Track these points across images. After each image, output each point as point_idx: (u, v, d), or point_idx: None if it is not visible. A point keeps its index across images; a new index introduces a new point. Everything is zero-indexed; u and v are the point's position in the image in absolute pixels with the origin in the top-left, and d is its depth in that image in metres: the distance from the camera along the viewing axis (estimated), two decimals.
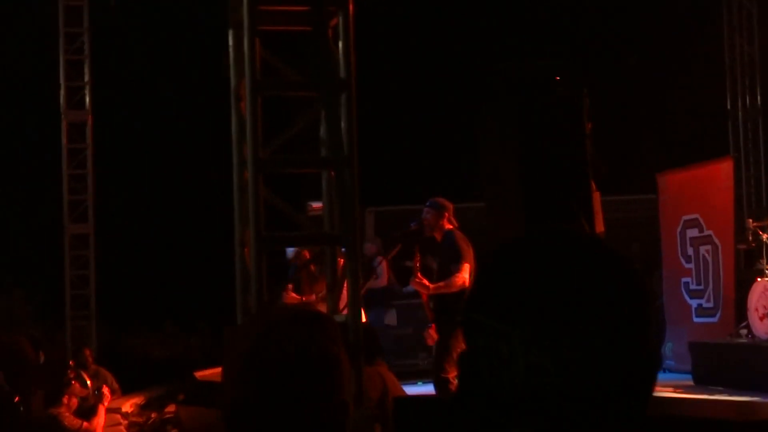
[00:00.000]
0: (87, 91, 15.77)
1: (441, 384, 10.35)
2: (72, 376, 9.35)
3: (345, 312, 7.00)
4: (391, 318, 15.77)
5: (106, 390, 10.21)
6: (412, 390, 13.37)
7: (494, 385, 1.57)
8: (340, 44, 6.76)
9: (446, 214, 10.84)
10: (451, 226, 10.92)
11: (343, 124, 6.80)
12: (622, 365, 1.55)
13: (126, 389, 13.28)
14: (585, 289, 1.57)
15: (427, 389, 13.61)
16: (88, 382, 10.12)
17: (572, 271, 1.59)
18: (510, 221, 9.17)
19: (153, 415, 12.81)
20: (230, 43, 6.91)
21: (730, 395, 11.81)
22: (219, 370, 2.86)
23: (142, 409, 13.14)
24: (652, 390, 1.62)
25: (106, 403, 10.06)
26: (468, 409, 1.61)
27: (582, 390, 1.53)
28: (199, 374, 12.00)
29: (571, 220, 7.75)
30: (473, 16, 16.86)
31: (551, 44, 16.28)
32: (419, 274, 10.60)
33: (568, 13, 16.82)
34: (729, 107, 17.05)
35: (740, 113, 16.95)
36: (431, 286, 10.62)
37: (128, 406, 12.95)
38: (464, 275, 10.32)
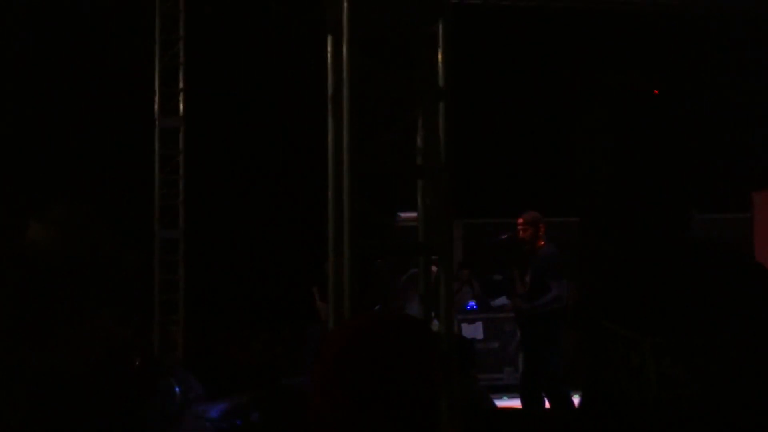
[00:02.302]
0: (181, 98, 15.92)
1: (533, 397, 10.27)
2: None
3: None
4: (476, 331, 15.68)
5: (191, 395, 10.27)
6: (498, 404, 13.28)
7: (623, 395, 1.50)
8: (440, 52, 6.71)
9: (542, 228, 10.80)
10: (543, 241, 10.88)
11: (440, 134, 6.75)
12: (758, 376, 1.47)
13: (212, 395, 13.35)
14: (722, 300, 1.49)
15: (513, 403, 13.51)
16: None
17: (708, 281, 1.51)
18: (606, 236, 9.04)
19: (238, 422, 12.84)
20: (329, 49, 6.89)
21: None
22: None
23: (227, 415, 13.18)
24: None
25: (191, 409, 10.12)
26: (596, 419, 1.54)
27: (716, 403, 1.45)
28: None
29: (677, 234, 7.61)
30: (572, 28, 16.74)
31: (648, 57, 16.11)
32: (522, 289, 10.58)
33: (666, 26, 16.63)
34: None
35: None
36: (530, 306, 10.57)
37: (214, 412, 13.00)
38: (563, 291, 10.27)
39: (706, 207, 16.56)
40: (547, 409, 9.99)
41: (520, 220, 11.09)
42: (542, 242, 11.00)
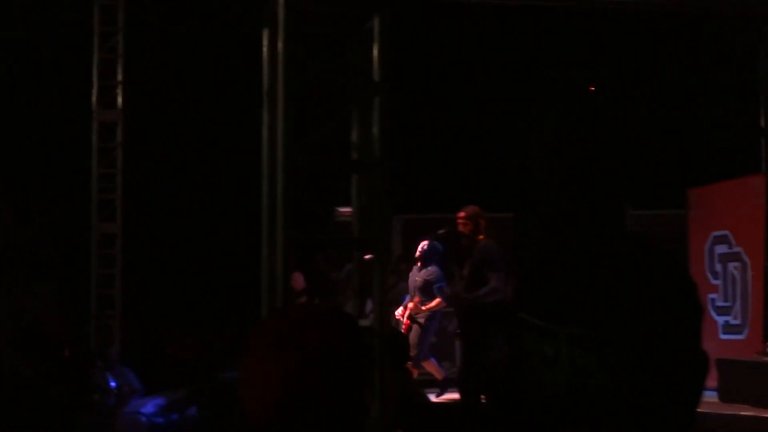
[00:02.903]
0: (119, 91, 15.82)
1: (469, 390, 10.34)
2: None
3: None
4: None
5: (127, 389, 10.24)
6: (433, 398, 13.35)
7: (538, 385, 1.53)
8: (376, 46, 6.73)
9: (482, 223, 10.89)
10: (482, 236, 10.96)
11: (375, 129, 6.78)
12: (670, 369, 1.50)
13: (149, 390, 13.28)
14: (633, 291, 1.53)
15: (449, 397, 13.58)
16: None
17: (621, 272, 1.55)
18: (543, 231, 9.12)
19: (174, 417, 12.80)
20: (264, 43, 6.89)
21: (756, 413, 11.72)
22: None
23: (164, 409, 13.13)
24: (699, 396, 1.57)
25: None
26: (510, 410, 1.56)
27: (628, 393, 1.48)
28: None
29: (607, 228, 7.69)
30: (513, 25, 16.82)
31: (585, 55, 16.23)
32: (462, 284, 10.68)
33: (603, 24, 16.75)
34: (762, 124, 16.95)
35: None
36: (471, 296, 10.65)
37: (150, 406, 12.94)
38: (501, 284, 10.36)
39: (644, 203, 16.73)
40: (482, 402, 10.06)
41: (461, 215, 11.18)
42: (481, 237, 11.09)
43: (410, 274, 14.25)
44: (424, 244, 13.85)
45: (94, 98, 15.78)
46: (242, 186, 10.92)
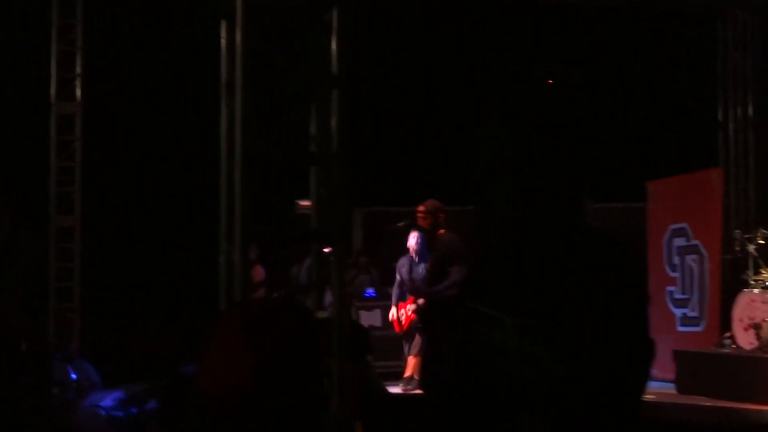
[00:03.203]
0: (78, 83, 15.72)
1: (429, 384, 10.36)
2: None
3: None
4: (375, 319, 15.74)
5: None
6: (395, 391, 13.36)
7: (488, 374, 1.53)
8: (334, 39, 6.73)
9: (441, 216, 10.89)
10: (443, 230, 10.97)
11: (334, 121, 6.78)
12: (618, 356, 1.52)
13: (108, 383, 13.22)
14: (582, 280, 1.54)
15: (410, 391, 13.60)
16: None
17: (569, 262, 1.56)
18: (502, 224, 9.15)
19: (134, 411, 12.75)
20: (222, 34, 6.87)
21: (714, 403, 11.81)
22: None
23: (123, 403, 13.07)
24: (646, 382, 1.59)
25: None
26: (460, 398, 1.57)
27: (577, 380, 1.49)
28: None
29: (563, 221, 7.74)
30: (472, 17, 16.85)
31: (548, 49, 16.28)
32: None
33: (563, 19, 16.81)
34: (720, 118, 17.08)
35: (731, 124, 16.98)
36: (431, 290, 10.67)
37: (109, 400, 12.89)
38: (461, 278, 10.37)
39: (604, 196, 16.82)
40: (440, 394, 10.07)
41: (421, 208, 11.18)
42: (442, 230, 11.10)
43: (401, 269, 13.59)
44: (415, 237, 13.48)
45: (52, 90, 15.67)
46: (201, 179, 10.88)
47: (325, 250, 7.34)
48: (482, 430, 1.59)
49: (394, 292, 13.72)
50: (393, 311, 13.50)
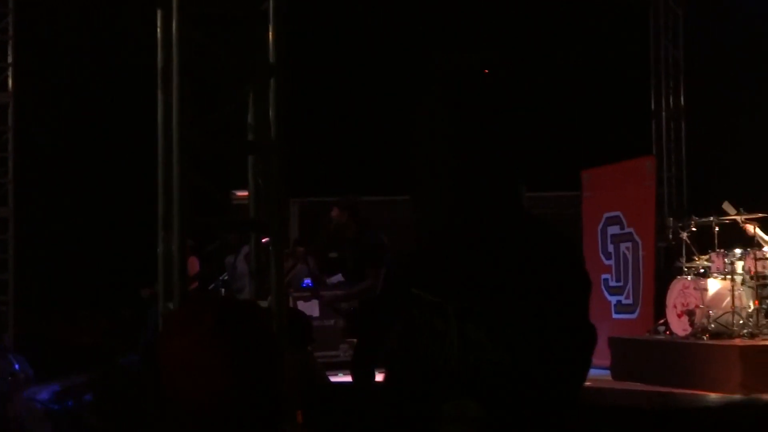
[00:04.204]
0: (10, 74, 15.54)
1: (364, 372, 10.35)
2: None
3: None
4: (312, 309, 15.74)
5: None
6: (334, 381, 13.38)
7: (429, 359, 1.55)
8: (271, 28, 6.72)
9: (356, 212, 10.66)
10: (357, 226, 10.62)
11: (271, 111, 6.77)
12: (559, 342, 1.54)
13: (44, 376, 13.11)
14: (523, 267, 1.56)
15: (349, 380, 13.63)
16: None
17: (510, 249, 1.58)
18: (440, 212, 9.17)
19: (70, 403, 12.65)
20: (158, 23, 6.83)
21: (648, 388, 11.96)
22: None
23: (60, 396, 12.96)
24: (587, 368, 1.62)
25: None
26: (400, 383, 1.59)
27: (518, 366, 1.51)
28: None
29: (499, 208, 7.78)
30: (407, 4, 16.87)
31: (482, 37, 16.34)
32: None
33: (499, 7, 16.90)
34: (653, 107, 17.27)
35: (664, 113, 17.19)
36: (344, 293, 10.60)
37: (45, 393, 12.77)
38: (376, 282, 10.19)
39: (539, 185, 16.93)
40: (377, 381, 10.09)
41: (334, 210, 10.76)
42: (359, 227, 10.68)
43: None
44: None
45: None
46: (138, 168, 10.80)
47: (263, 240, 7.33)
48: (423, 415, 1.61)
49: None
50: None
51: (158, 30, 6.84)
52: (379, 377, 10.53)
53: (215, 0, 6.97)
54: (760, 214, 12.90)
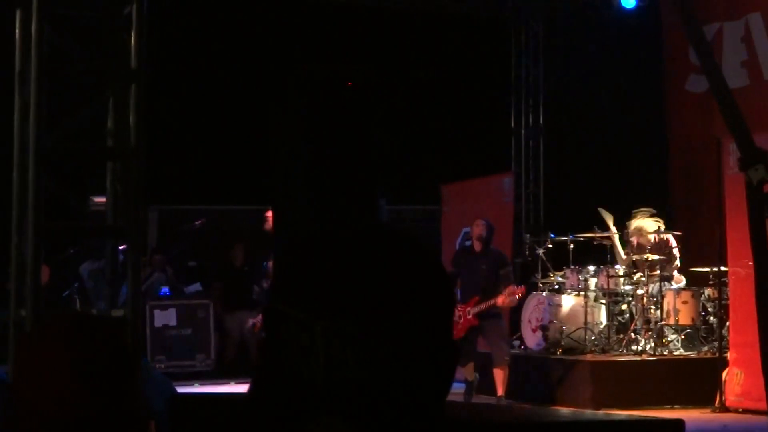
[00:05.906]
0: None
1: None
2: None
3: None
4: (170, 318, 15.55)
5: None
6: (189, 391, 13.24)
7: (295, 376, 1.54)
8: (133, 33, 6.63)
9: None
10: None
11: (131, 117, 6.68)
12: (423, 360, 1.55)
13: None
14: (387, 284, 1.57)
15: (205, 390, 13.51)
16: None
17: (375, 266, 1.58)
18: (298, 223, 9.18)
19: None
20: (17, 24, 6.69)
21: (503, 403, 12.11)
22: None
23: None
24: (449, 385, 1.63)
25: None
26: (265, 401, 1.58)
27: (382, 385, 1.52)
28: None
29: (359, 222, 7.80)
30: (273, 16, 16.82)
31: (345, 51, 16.40)
32: None
33: (362, 22, 16.97)
34: (513, 125, 17.55)
35: (523, 131, 17.48)
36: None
37: None
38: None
39: (399, 198, 17.05)
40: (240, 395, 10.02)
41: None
42: None
43: (459, 262, 12.60)
44: (482, 224, 12.60)
45: None
46: None
47: (120, 247, 7.23)
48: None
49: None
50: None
51: (17, 31, 6.70)
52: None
53: (76, 2, 6.85)
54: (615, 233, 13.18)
